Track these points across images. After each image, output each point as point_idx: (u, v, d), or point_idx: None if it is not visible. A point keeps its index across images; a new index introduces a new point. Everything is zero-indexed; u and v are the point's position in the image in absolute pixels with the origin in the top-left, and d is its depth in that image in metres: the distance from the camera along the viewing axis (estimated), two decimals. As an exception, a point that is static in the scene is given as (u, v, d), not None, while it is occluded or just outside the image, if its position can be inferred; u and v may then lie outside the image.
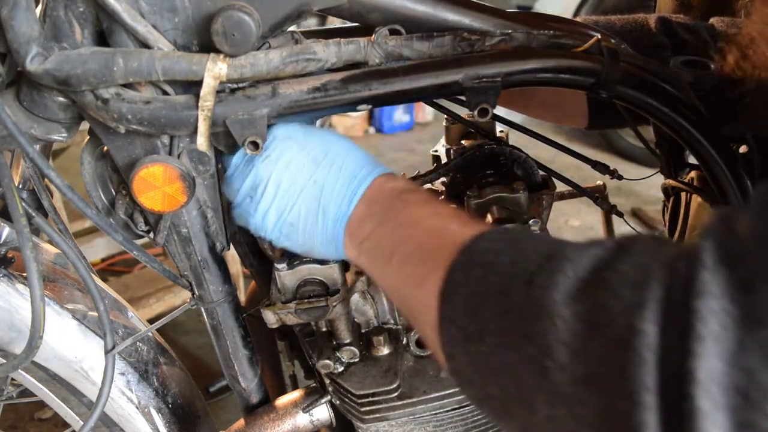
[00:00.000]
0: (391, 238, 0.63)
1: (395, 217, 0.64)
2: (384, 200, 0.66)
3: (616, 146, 3.55)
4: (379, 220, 0.65)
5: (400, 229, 0.63)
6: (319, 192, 0.68)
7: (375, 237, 0.65)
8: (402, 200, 0.65)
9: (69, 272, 0.93)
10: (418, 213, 0.63)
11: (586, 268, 0.43)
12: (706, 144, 0.72)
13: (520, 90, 0.71)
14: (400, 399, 0.85)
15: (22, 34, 0.60)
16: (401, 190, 0.67)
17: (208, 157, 0.72)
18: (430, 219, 0.61)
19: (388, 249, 0.63)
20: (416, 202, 0.64)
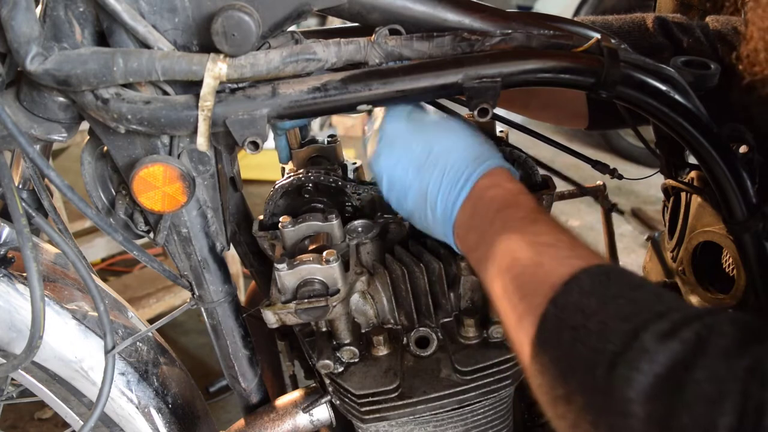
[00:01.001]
0: (492, 262, 0.64)
1: (495, 238, 0.64)
2: (484, 213, 0.67)
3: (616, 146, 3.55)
4: (481, 236, 0.66)
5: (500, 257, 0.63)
6: (425, 192, 0.71)
7: (479, 252, 0.66)
8: (500, 219, 0.65)
9: (69, 272, 0.93)
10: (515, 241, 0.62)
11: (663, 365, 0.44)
12: (706, 144, 0.72)
13: (519, 90, 0.71)
14: (400, 399, 0.85)
15: (22, 34, 0.60)
16: (501, 202, 0.66)
17: (208, 157, 0.72)
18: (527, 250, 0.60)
19: (491, 272, 0.64)
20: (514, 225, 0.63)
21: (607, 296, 0.52)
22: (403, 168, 0.72)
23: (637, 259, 2.60)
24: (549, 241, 0.60)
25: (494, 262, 0.63)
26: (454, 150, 0.70)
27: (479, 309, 0.89)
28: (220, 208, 0.79)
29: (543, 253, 0.59)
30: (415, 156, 0.71)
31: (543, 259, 0.58)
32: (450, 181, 0.69)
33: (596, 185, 1.04)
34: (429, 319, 0.89)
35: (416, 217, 0.74)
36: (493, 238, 0.64)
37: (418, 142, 0.72)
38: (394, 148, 0.73)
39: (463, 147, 0.71)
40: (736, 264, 0.80)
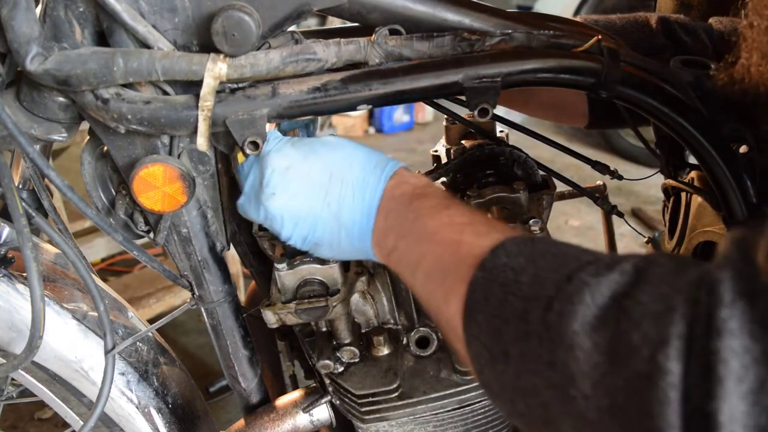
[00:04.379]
0: (412, 253, 0.63)
1: (411, 230, 0.63)
2: (398, 210, 0.66)
3: (616, 146, 3.55)
4: (398, 233, 0.65)
5: (418, 244, 0.62)
6: (337, 212, 0.68)
7: (399, 250, 0.65)
8: (413, 211, 0.64)
9: (69, 272, 0.93)
10: (431, 225, 0.62)
11: (605, 295, 0.44)
12: (706, 144, 0.72)
13: (519, 89, 0.71)
14: (400, 399, 0.85)
15: (22, 34, 0.60)
16: (410, 196, 0.66)
17: (208, 157, 0.72)
18: (444, 231, 0.61)
19: (412, 263, 0.63)
20: (428, 212, 0.63)
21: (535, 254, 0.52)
22: (307, 196, 0.68)
23: (637, 259, 2.59)
24: (465, 220, 0.60)
25: (414, 253, 0.63)
26: (353, 164, 0.69)
27: (479, 309, 0.89)
28: (220, 208, 0.79)
29: (462, 231, 0.59)
30: (316, 181, 0.68)
31: (462, 236, 0.58)
32: (361, 193, 0.67)
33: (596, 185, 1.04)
34: (429, 319, 0.89)
35: (326, 246, 0.71)
36: (409, 230, 0.64)
37: (314, 166, 0.69)
38: (288, 180, 0.68)
39: (359, 158, 0.69)
40: (736, 264, 0.80)
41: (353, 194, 0.68)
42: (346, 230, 0.69)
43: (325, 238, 0.70)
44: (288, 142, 0.71)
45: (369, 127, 4.59)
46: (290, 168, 0.69)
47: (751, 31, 0.69)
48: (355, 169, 0.69)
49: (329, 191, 0.68)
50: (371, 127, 4.59)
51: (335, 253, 0.72)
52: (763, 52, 0.68)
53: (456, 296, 0.55)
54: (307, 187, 0.68)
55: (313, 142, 0.72)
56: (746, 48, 0.70)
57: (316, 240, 0.70)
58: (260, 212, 0.71)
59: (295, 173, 0.69)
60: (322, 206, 0.68)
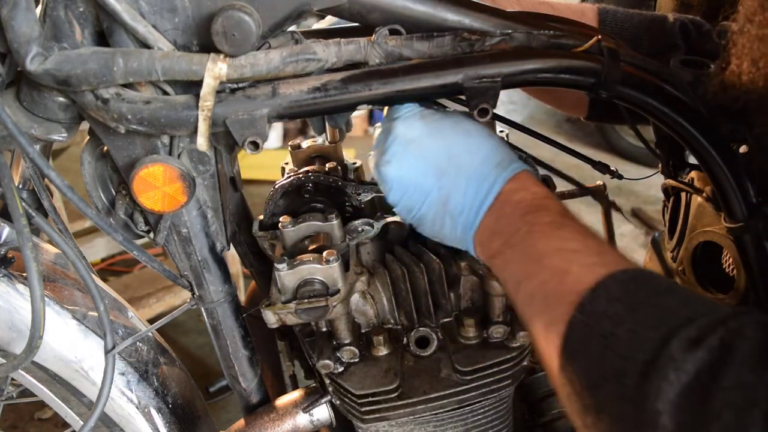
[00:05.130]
0: (517, 268, 0.62)
1: (520, 243, 0.62)
2: (511, 217, 0.65)
3: (616, 146, 3.55)
4: (505, 241, 0.64)
5: (525, 262, 0.62)
6: (446, 198, 0.68)
7: (503, 258, 0.64)
8: (527, 223, 0.63)
9: (69, 272, 0.93)
10: (542, 245, 0.61)
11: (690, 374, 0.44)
12: (706, 144, 0.72)
13: None
14: (400, 399, 0.85)
15: (22, 34, 0.60)
16: (527, 206, 0.65)
17: (208, 157, 0.72)
18: (554, 257, 0.59)
19: (515, 278, 0.63)
20: (541, 230, 0.62)
21: (635, 303, 0.51)
22: (420, 173, 0.68)
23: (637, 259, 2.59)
24: (576, 247, 0.59)
25: (520, 268, 0.62)
26: (476, 154, 0.68)
27: (479, 309, 0.89)
28: (220, 208, 0.79)
29: (570, 260, 0.58)
30: (433, 161, 0.68)
31: (570, 266, 0.57)
32: (476, 186, 0.67)
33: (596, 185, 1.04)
34: (429, 319, 0.89)
35: (428, 225, 0.71)
36: (519, 243, 0.62)
37: (436, 145, 0.69)
38: (407, 152, 0.69)
39: (484, 151, 0.68)
40: (736, 264, 0.80)
41: (467, 185, 0.67)
42: (451, 217, 0.68)
43: (428, 218, 0.70)
44: (418, 114, 0.71)
45: (369, 127, 4.59)
46: (412, 141, 0.69)
47: (742, 37, 0.69)
48: (477, 159, 0.68)
49: (444, 174, 0.68)
50: (371, 127, 4.59)
51: (436, 234, 0.71)
52: (753, 58, 0.68)
53: (554, 332, 0.55)
54: (423, 164, 0.68)
55: (444, 120, 0.71)
56: (736, 54, 0.70)
57: (421, 216, 0.70)
58: (375, 172, 0.72)
59: (416, 147, 0.69)
60: (433, 187, 0.68)
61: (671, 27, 0.89)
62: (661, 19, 0.91)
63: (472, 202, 0.67)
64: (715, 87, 0.72)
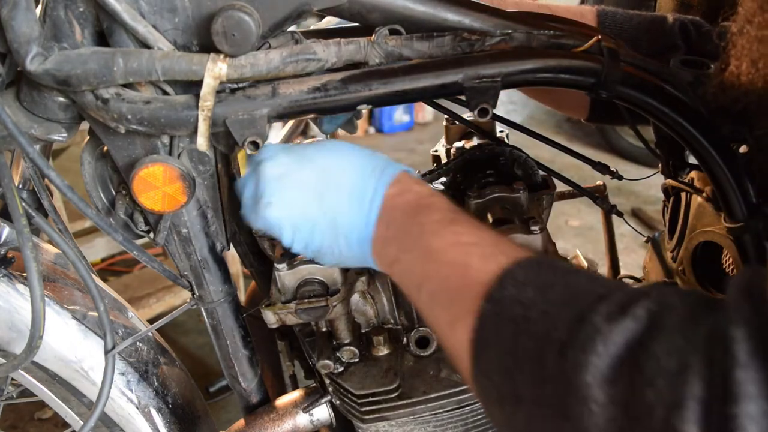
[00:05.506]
0: (415, 270, 0.61)
1: (414, 245, 0.61)
2: (400, 221, 0.64)
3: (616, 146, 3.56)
4: (400, 246, 0.63)
5: (423, 262, 0.60)
6: (334, 221, 0.67)
7: (401, 264, 0.63)
8: (417, 224, 0.62)
9: (69, 272, 0.93)
10: (437, 243, 0.60)
11: (619, 344, 0.43)
12: (706, 144, 0.72)
13: None
14: (400, 399, 0.85)
15: (22, 34, 0.60)
16: (414, 207, 0.64)
17: (208, 157, 0.72)
18: (450, 252, 0.58)
19: (415, 280, 0.62)
20: (433, 227, 0.61)
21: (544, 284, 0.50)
22: (302, 204, 0.67)
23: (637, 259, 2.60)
24: (472, 240, 0.58)
25: (418, 271, 0.61)
26: (348, 168, 0.67)
27: (479, 309, 0.89)
28: (220, 208, 0.79)
29: (468, 253, 0.57)
30: (310, 188, 0.67)
31: (469, 258, 0.56)
32: (358, 199, 0.66)
33: (596, 185, 1.04)
34: (429, 319, 0.89)
35: (328, 253, 0.70)
36: (413, 246, 0.61)
37: (308, 172, 0.67)
38: (282, 188, 0.67)
39: (356, 162, 0.68)
40: (736, 264, 0.80)
41: (349, 201, 0.66)
42: (345, 237, 0.67)
43: (325, 245, 0.69)
44: (282, 150, 0.70)
45: (369, 126, 4.59)
46: (284, 176, 0.68)
47: (741, 38, 0.69)
48: (350, 174, 0.67)
49: (324, 198, 0.67)
50: (371, 127, 4.59)
51: (337, 260, 0.71)
52: (752, 59, 0.68)
53: (463, 326, 0.53)
54: (302, 195, 0.67)
55: (308, 148, 0.70)
56: (736, 55, 0.70)
57: (317, 247, 0.69)
58: (259, 222, 0.70)
59: (289, 181, 0.68)
60: (318, 213, 0.67)
61: (671, 28, 0.89)
62: (660, 20, 0.91)
63: (359, 217, 0.66)
64: (715, 88, 0.72)
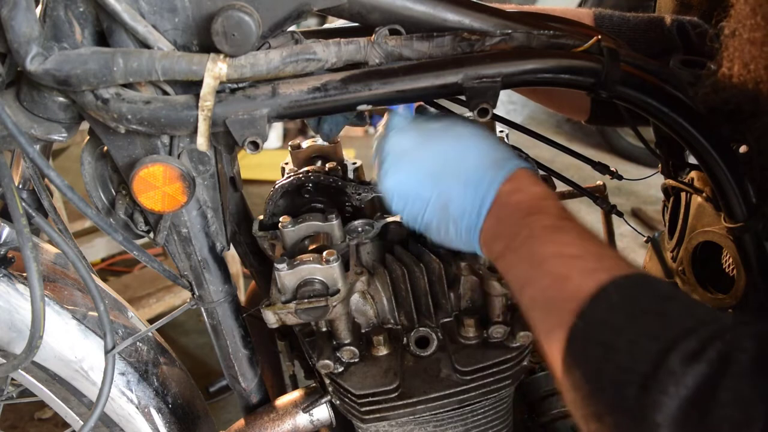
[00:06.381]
0: (519, 272, 0.63)
1: (521, 247, 0.62)
2: (510, 220, 0.65)
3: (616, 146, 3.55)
4: (507, 244, 0.64)
5: (526, 267, 0.62)
6: (446, 204, 0.68)
7: (506, 261, 0.64)
8: (526, 226, 0.63)
9: (69, 272, 0.93)
10: (542, 251, 0.61)
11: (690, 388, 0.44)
12: (706, 144, 0.72)
13: None
14: (400, 399, 0.85)
15: (22, 34, 0.60)
16: (526, 208, 0.64)
17: (208, 157, 0.72)
18: (553, 262, 0.59)
19: (518, 281, 0.63)
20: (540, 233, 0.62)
21: (636, 311, 0.51)
22: (417, 182, 0.69)
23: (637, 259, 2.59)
24: (575, 252, 0.59)
25: (522, 273, 0.62)
26: (470, 156, 0.68)
27: (479, 309, 0.89)
28: (220, 208, 0.79)
29: (569, 266, 0.58)
30: (428, 168, 0.69)
31: (570, 272, 0.57)
32: (473, 189, 0.67)
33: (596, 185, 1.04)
34: (429, 319, 0.89)
35: (434, 231, 0.71)
36: (520, 247, 0.62)
37: (429, 152, 0.69)
38: (402, 163, 0.70)
39: (479, 152, 0.68)
40: (736, 264, 0.80)
41: (464, 188, 0.67)
42: (454, 222, 0.68)
43: (433, 224, 0.70)
44: (410, 124, 0.71)
45: (369, 127, 4.58)
46: (406, 152, 0.70)
47: (733, 40, 0.69)
48: (470, 163, 0.68)
49: (440, 180, 0.68)
50: (371, 127, 4.59)
51: (444, 239, 0.72)
52: (744, 61, 0.68)
53: (556, 339, 0.55)
54: (419, 173, 0.69)
55: (436, 128, 0.71)
56: (728, 57, 0.70)
57: (426, 223, 0.71)
58: (378, 185, 0.72)
59: (409, 158, 0.69)
60: (432, 194, 0.69)
61: (669, 29, 0.89)
62: (658, 21, 0.91)
63: (471, 206, 0.67)
64: (707, 88, 0.72)
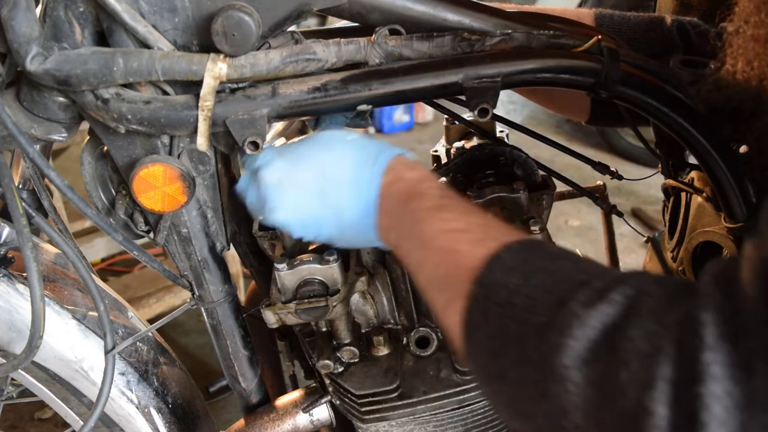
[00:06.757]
0: (413, 257, 0.64)
1: (410, 233, 0.64)
2: (396, 210, 0.66)
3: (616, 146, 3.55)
4: (399, 234, 0.66)
5: (417, 250, 0.63)
6: (339, 214, 0.68)
7: (401, 250, 0.66)
8: (410, 212, 0.64)
9: (69, 272, 0.93)
10: (428, 230, 0.61)
11: (596, 328, 0.44)
12: (706, 144, 0.72)
13: None
14: (400, 399, 0.85)
15: (22, 34, 0.60)
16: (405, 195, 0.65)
17: (208, 157, 0.72)
18: (440, 238, 0.60)
19: (414, 266, 0.64)
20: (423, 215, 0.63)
21: (530, 271, 0.52)
22: (305, 204, 0.69)
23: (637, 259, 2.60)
24: (461, 226, 0.60)
25: (414, 257, 0.64)
26: (342, 161, 0.68)
27: (479, 309, 0.89)
28: (220, 208, 0.79)
29: (457, 240, 0.59)
30: (310, 187, 0.68)
31: (458, 245, 0.58)
32: (356, 192, 0.67)
33: (596, 185, 1.04)
34: (429, 319, 0.89)
35: (342, 241, 0.72)
36: (408, 233, 0.64)
37: (304, 172, 0.69)
38: (283, 193, 0.69)
39: (350, 153, 0.69)
40: (736, 264, 0.80)
41: (348, 193, 0.67)
42: (351, 228, 0.69)
43: (334, 235, 0.71)
44: (276, 154, 0.71)
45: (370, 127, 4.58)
46: (282, 180, 0.69)
47: (737, 37, 0.70)
48: (347, 167, 0.68)
49: (326, 194, 0.68)
50: (371, 127, 4.59)
51: (351, 245, 0.73)
52: (748, 58, 0.69)
53: (455, 309, 0.56)
54: (303, 195, 0.69)
55: (302, 146, 0.71)
56: (731, 54, 0.71)
57: (329, 237, 0.71)
58: (268, 222, 0.72)
59: (289, 184, 0.69)
60: (322, 209, 0.69)
61: (669, 29, 0.89)
62: (658, 21, 0.91)
63: (359, 208, 0.67)
64: (709, 86, 0.72)
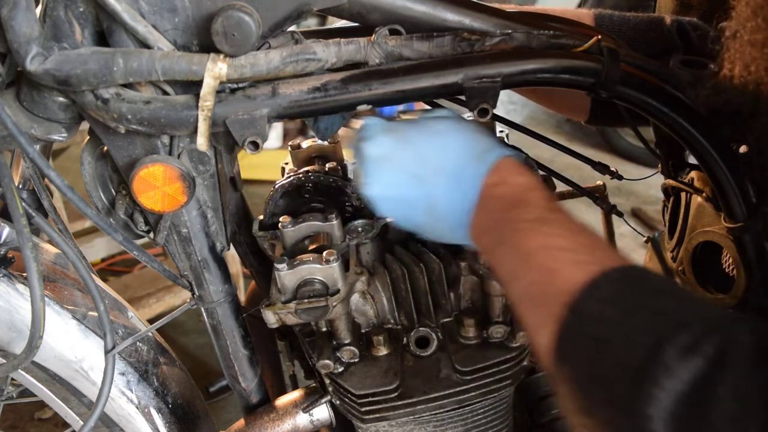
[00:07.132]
0: (508, 266, 0.62)
1: (508, 241, 0.61)
2: (495, 214, 0.64)
3: (616, 146, 3.55)
4: (495, 239, 0.63)
5: (514, 261, 0.61)
6: (433, 204, 0.68)
7: (495, 255, 0.64)
8: (511, 220, 0.62)
9: (69, 272, 0.93)
10: (528, 245, 0.59)
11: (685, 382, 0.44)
12: (706, 144, 0.72)
13: None
14: (399, 399, 0.85)
15: (22, 34, 0.60)
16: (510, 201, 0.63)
17: (208, 157, 0.72)
18: (540, 255, 0.58)
19: (507, 276, 0.62)
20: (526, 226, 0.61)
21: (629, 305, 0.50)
22: (401, 185, 0.68)
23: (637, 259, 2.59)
24: (564, 244, 0.58)
25: (510, 267, 0.61)
26: (448, 152, 0.67)
27: (479, 309, 0.89)
28: (220, 208, 0.79)
29: (558, 259, 0.56)
30: (409, 171, 0.67)
31: (557, 264, 0.56)
32: (455, 186, 0.66)
33: (596, 185, 1.04)
34: (429, 319, 0.89)
35: (428, 231, 0.71)
36: (507, 241, 0.61)
37: (407, 155, 0.68)
38: (381, 170, 0.68)
39: (458, 146, 0.68)
40: (736, 264, 0.80)
41: (447, 186, 0.66)
42: (442, 220, 0.68)
43: (424, 224, 0.70)
44: (382, 129, 0.70)
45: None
46: (383, 158, 0.68)
47: (734, 42, 0.69)
48: (451, 158, 0.67)
49: (423, 180, 0.67)
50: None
51: (439, 237, 0.71)
52: (745, 62, 0.68)
53: (547, 332, 0.54)
54: (401, 177, 0.68)
55: (410, 128, 0.70)
56: (729, 58, 0.70)
57: (417, 224, 0.70)
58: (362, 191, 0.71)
59: (389, 163, 0.68)
60: (416, 196, 0.68)
61: (669, 29, 0.89)
62: (658, 22, 0.91)
63: (456, 203, 0.66)
64: (708, 90, 0.72)
